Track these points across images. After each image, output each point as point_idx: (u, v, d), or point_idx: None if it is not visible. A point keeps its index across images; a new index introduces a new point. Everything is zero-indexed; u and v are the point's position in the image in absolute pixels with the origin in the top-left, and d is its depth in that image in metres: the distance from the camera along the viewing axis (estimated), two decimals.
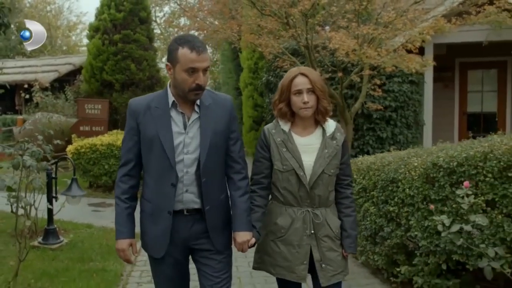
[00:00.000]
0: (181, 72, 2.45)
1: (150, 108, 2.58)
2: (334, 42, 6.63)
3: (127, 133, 2.65)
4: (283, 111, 2.73)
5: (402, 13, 6.66)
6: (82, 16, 47.96)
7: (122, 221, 2.65)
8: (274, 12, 7.76)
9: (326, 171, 2.69)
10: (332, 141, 2.73)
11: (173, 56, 2.47)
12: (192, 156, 2.56)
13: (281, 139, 2.72)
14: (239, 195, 2.70)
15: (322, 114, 2.71)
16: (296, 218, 2.70)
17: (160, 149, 2.53)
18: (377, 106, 8.84)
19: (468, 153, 3.51)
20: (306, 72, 2.70)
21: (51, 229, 5.86)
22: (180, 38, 2.52)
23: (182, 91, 2.50)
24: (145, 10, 13.31)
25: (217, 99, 2.67)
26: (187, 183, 2.56)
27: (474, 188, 3.44)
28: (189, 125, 2.57)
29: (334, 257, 2.73)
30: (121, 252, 2.66)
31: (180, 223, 2.59)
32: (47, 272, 4.92)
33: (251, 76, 12.96)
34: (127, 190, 2.65)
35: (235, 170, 2.72)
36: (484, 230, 3.37)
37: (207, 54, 2.51)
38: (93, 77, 12.97)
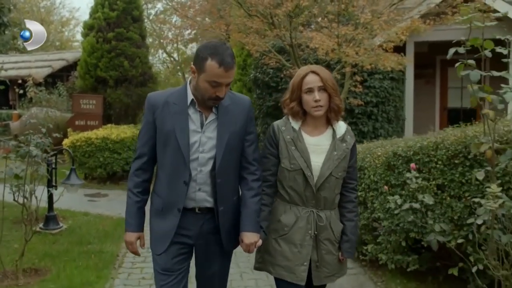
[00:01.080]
0: (204, 82, 2.43)
1: (168, 104, 2.56)
2: (314, 42, 7.11)
3: (143, 127, 2.64)
4: (294, 110, 2.67)
5: (379, 15, 7.13)
6: (74, 11, 48.21)
7: (132, 214, 2.65)
8: (260, 13, 8.23)
9: (334, 174, 2.65)
10: (342, 143, 2.69)
11: (201, 64, 2.42)
12: (207, 155, 2.55)
13: (290, 137, 2.67)
14: (251, 195, 2.66)
15: (334, 112, 2.66)
16: (301, 217, 2.66)
17: (175, 146, 2.51)
18: (358, 101, 9.33)
19: (422, 143, 4.01)
20: (317, 70, 2.65)
21: (51, 215, 6.32)
22: (212, 47, 2.44)
23: (201, 97, 2.50)
24: (137, 9, 13.73)
25: (235, 99, 2.64)
26: (201, 182, 2.55)
27: (427, 174, 3.94)
28: (206, 124, 2.55)
29: (331, 260, 2.72)
30: (129, 245, 2.67)
31: (191, 220, 2.59)
32: (49, 253, 5.38)
33: (240, 72, 13.41)
34: (139, 184, 2.65)
35: (249, 171, 2.70)
36: (435, 210, 3.87)
37: (234, 69, 2.48)
38: (87, 74, 13.38)
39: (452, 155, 3.78)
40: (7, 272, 4.65)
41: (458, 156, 3.75)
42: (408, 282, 4.47)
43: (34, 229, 5.13)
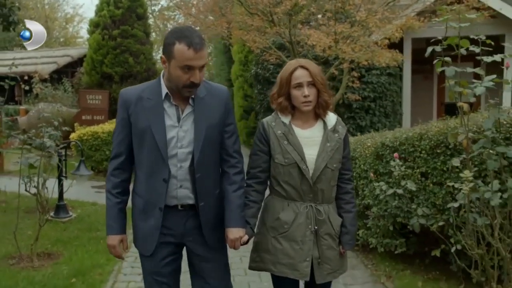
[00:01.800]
0: (176, 68, 2.31)
1: (142, 99, 2.45)
2: (312, 39, 7.42)
3: (118, 124, 2.53)
4: (283, 105, 2.62)
5: (374, 13, 7.44)
6: (78, 8, 48.56)
7: (113, 217, 2.55)
8: (261, 11, 8.55)
9: (329, 166, 2.59)
10: (334, 134, 2.64)
11: (169, 50, 2.31)
12: (186, 150, 2.45)
13: (281, 132, 2.61)
14: (233, 189, 2.58)
15: (322, 107, 2.61)
16: (300, 213, 2.60)
17: (152, 143, 2.41)
18: (356, 96, 9.65)
19: (408, 135, 4.33)
20: (305, 64, 2.59)
21: (61, 204, 6.67)
22: (178, 31, 2.36)
23: (176, 87, 2.39)
24: (142, 7, 14.11)
25: (212, 90, 2.55)
26: (181, 178, 2.46)
27: (412, 163, 4.26)
28: (183, 118, 2.46)
29: (332, 255, 2.66)
30: (111, 248, 2.57)
31: (174, 218, 2.50)
32: (61, 239, 5.72)
33: (242, 68, 13.75)
34: (118, 184, 2.55)
35: (230, 164, 2.61)
36: (419, 196, 4.19)
37: (205, 51, 2.35)
38: (93, 70, 13.76)
39: (435, 145, 4.09)
40: (22, 255, 4.99)
41: (440, 146, 4.06)
42: (396, 264, 4.79)
43: (46, 218, 5.49)
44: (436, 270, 4.58)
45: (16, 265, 4.87)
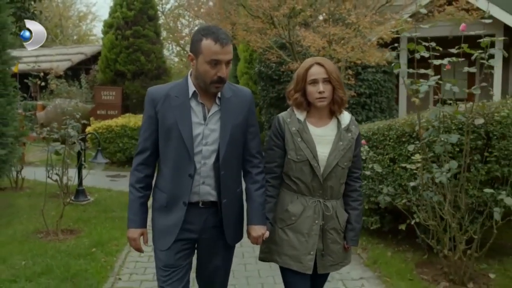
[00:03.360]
0: (204, 64, 2.38)
1: (169, 97, 2.51)
2: (307, 41, 8.11)
3: (145, 121, 2.58)
4: (298, 101, 2.66)
5: (364, 17, 8.11)
6: (91, 6, 49.47)
7: (135, 210, 2.61)
8: (263, 13, 9.27)
9: (340, 164, 2.63)
10: (347, 133, 2.67)
11: (197, 47, 2.39)
12: (210, 147, 2.50)
13: (296, 129, 2.64)
14: (255, 188, 2.66)
15: (338, 104, 2.64)
16: (308, 207, 2.65)
17: (179, 139, 2.46)
18: (351, 93, 10.32)
19: (379, 126, 5.04)
20: (321, 61, 2.63)
21: (80, 189, 7.45)
22: (204, 29, 2.44)
23: (204, 83, 2.45)
24: (153, 8, 14.91)
25: (237, 92, 2.62)
26: (204, 175, 2.52)
27: (382, 150, 4.96)
28: (209, 116, 2.51)
29: (336, 249, 2.72)
30: (132, 241, 2.63)
31: (194, 215, 2.54)
32: (81, 218, 6.49)
33: (247, 66, 14.46)
34: (142, 179, 2.60)
35: (252, 164, 2.69)
36: (388, 178, 4.89)
37: (231, 46, 2.44)
38: (107, 68, 14.59)
39: (400, 134, 4.79)
40: (49, 231, 5.75)
41: (404, 135, 4.75)
42: (372, 239, 5.50)
43: (68, 200, 6.25)
44: (406, 244, 5.28)
45: (44, 238, 5.65)
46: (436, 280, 4.36)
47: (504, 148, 4.17)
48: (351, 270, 4.59)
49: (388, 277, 4.48)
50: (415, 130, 4.39)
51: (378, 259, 4.92)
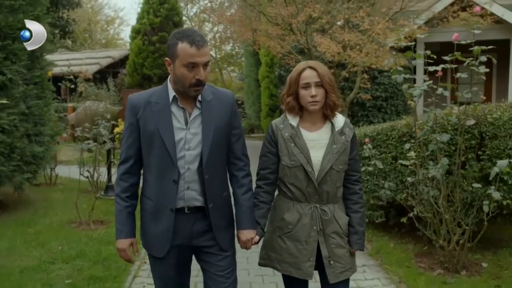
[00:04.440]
0: (181, 67, 2.34)
1: (150, 103, 2.47)
2: (322, 47, 8.56)
3: (126, 129, 2.53)
4: (291, 105, 2.63)
5: (376, 24, 8.52)
6: (119, 11, 50.60)
7: (123, 220, 2.56)
8: (282, 20, 9.75)
9: (334, 167, 2.59)
10: (341, 136, 2.63)
11: (173, 51, 2.36)
12: (193, 152, 2.47)
13: (289, 134, 2.62)
14: (242, 192, 2.63)
15: (330, 108, 2.61)
16: (304, 214, 2.62)
17: (161, 145, 2.43)
18: (367, 96, 10.72)
19: (383, 126, 5.46)
20: (314, 65, 2.60)
21: (110, 185, 8.02)
22: (179, 32, 2.40)
23: (182, 87, 2.41)
24: (178, 15, 15.59)
25: (218, 94, 2.58)
26: (189, 180, 2.47)
27: (385, 148, 5.38)
28: (191, 120, 2.47)
29: (342, 254, 2.65)
30: (121, 252, 2.57)
31: (182, 221, 2.49)
32: (110, 211, 7.03)
33: (268, 70, 14.97)
34: (127, 188, 2.55)
35: (238, 167, 2.65)
36: (390, 175, 5.31)
37: (207, 48, 2.39)
38: (135, 72, 15.29)
39: (402, 134, 5.20)
40: (82, 221, 6.31)
41: (405, 135, 5.17)
42: (378, 232, 5.91)
43: (98, 195, 6.80)
44: (409, 237, 5.67)
45: (77, 227, 6.22)
46: (432, 268, 4.76)
47: (496, 147, 4.56)
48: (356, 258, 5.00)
49: (388, 264, 4.90)
50: (412, 131, 4.81)
51: (381, 249, 5.34)
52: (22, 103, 6.46)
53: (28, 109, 6.62)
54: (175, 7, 15.27)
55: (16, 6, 6.25)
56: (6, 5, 6.06)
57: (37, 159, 6.94)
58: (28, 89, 6.67)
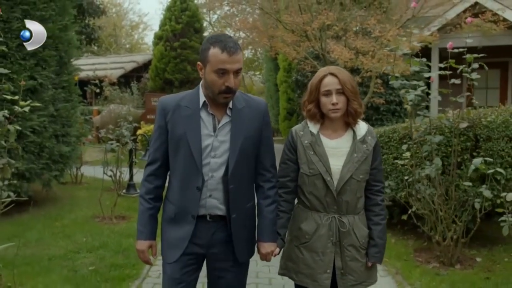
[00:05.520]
0: (211, 73, 2.31)
1: (180, 107, 2.44)
2: (335, 53, 8.91)
3: (155, 131, 2.52)
4: (312, 112, 2.57)
5: (388, 31, 8.84)
6: (143, 16, 51.56)
7: (144, 222, 2.54)
8: (297, 27, 10.13)
9: (354, 177, 2.51)
10: (363, 145, 2.55)
11: (204, 55, 2.33)
12: (219, 160, 2.42)
13: (308, 142, 2.56)
14: (267, 204, 2.57)
15: (352, 116, 2.54)
16: (322, 225, 2.56)
17: (187, 150, 2.40)
18: (381, 100, 11.01)
19: (385, 129, 5.80)
20: (335, 71, 2.53)
21: (131, 183, 8.50)
22: (213, 37, 2.38)
23: (212, 93, 2.36)
24: (199, 22, 16.13)
25: (251, 102, 2.53)
26: (211, 188, 2.43)
27: (387, 150, 5.71)
28: (219, 128, 2.43)
29: (356, 267, 2.58)
30: (140, 253, 2.56)
31: (202, 228, 2.46)
32: (131, 207, 7.49)
33: (285, 75, 15.37)
34: (151, 190, 2.53)
35: (265, 178, 2.59)
36: (392, 174, 5.64)
37: (240, 55, 2.34)
38: (157, 76, 15.85)
39: (402, 136, 5.53)
40: (105, 216, 6.77)
41: (405, 137, 5.50)
42: None
43: (119, 193, 7.24)
44: (411, 234, 5.98)
45: (100, 222, 6.69)
46: (429, 262, 5.07)
47: (489, 148, 4.87)
48: None
49: (387, 258, 5.22)
50: (409, 133, 5.14)
51: None
52: (51, 106, 6.97)
53: (56, 112, 7.13)
54: (196, 14, 15.84)
55: (46, 16, 6.76)
56: (37, 15, 6.56)
57: (64, 158, 7.44)
58: (57, 93, 7.18)
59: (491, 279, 4.56)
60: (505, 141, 4.83)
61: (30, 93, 6.44)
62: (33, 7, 6.59)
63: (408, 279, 4.64)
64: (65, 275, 4.65)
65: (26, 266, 4.81)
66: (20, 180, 6.32)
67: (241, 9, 15.75)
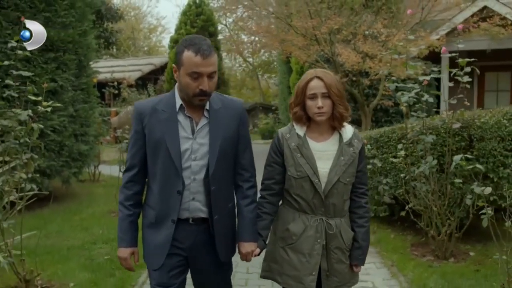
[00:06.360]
0: (185, 76, 2.30)
1: (156, 111, 2.41)
2: (343, 57, 9.21)
3: (132, 137, 2.48)
4: (298, 114, 2.56)
5: (393, 36, 9.12)
6: (161, 19, 52.20)
7: (124, 229, 2.51)
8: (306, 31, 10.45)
9: (341, 180, 2.52)
10: (349, 148, 2.55)
11: (179, 58, 2.32)
12: (200, 162, 2.41)
13: (295, 144, 2.55)
14: (246, 203, 2.58)
15: (337, 120, 2.53)
16: (309, 226, 2.55)
17: (166, 154, 2.37)
18: (389, 103, 11.27)
19: (385, 129, 6.09)
20: (321, 75, 2.50)
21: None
22: (187, 40, 2.34)
23: (187, 96, 2.36)
24: (213, 25, 16.62)
25: (227, 103, 2.53)
26: (194, 191, 2.42)
27: (387, 149, 6.00)
28: (198, 130, 2.42)
29: (341, 269, 2.61)
30: (122, 261, 2.54)
31: (185, 232, 2.46)
32: None
33: (298, 77, 15.59)
34: (130, 196, 2.50)
35: (244, 178, 2.59)
36: (391, 173, 5.92)
37: (214, 58, 2.33)
38: (172, 78, 16.29)
39: (401, 137, 5.81)
40: None
41: (404, 137, 5.77)
42: (383, 225, 6.51)
43: None
44: (410, 230, 6.25)
45: (115, 216, 6.83)
46: (424, 256, 5.34)
47: (482, 148, 5.13)
48: None
49: (384, 251, 5.52)
50: (405, 133, 5.43)
51: (381, 239, 5.96)
52: (71, 107, 7.39)
53: (75, 112, 7.55)
54: (211, 18, 16.32)
55: (67, 22, 7.19)
56: (58, 22, 7.00)
57: (82, 156, 7.86)
58: (76, 95, 7.60)
59: (480, 271, 4.82)
60: (497, 141, 5.07)
61: (51, 95, 6.84)
62: (54, 14, 7.02)
63: (402, 270, 4.92)
64: (82, 263, 5.04)
65: (47, 254, 5.21)
66: (42, 177, 6.73)
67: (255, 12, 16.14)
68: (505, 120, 5.02)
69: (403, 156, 5.20)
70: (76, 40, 7.49)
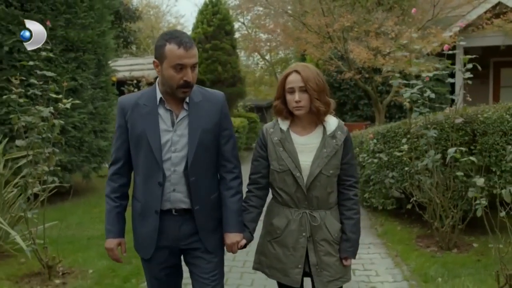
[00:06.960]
0: (169, 69, 2.33)
1: (138, 105, 2.48)
2: (354, 53, 9.38)
3: (116, 131, 2.56)
4: (278, 108, 2.60)
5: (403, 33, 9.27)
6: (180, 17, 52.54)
7: (111, 221, 2.59)
8: (319, 29, 10.65)
9: (324, 172, 2.53)
10: (332, 140, 2.55)
11: (160, 52, 2.34)
12: (180, 154, 2.45)
13: (278, 138, 2.58)
14: (230, 195, 2.60)
15: (315, 114, 2.54)
16: (292, 220, 2.58)
17: (147, 147, 2.43)
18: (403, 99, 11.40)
19: (392, 125, 6.27)
20: (300, 69, 2.51)
21: None
22: (167, 33, 2.38)
23: (170, 88, 2.39)
24: (229, 24, 16.89)
25: (207, 95, 2.56)
26: (175, 182, 2.45)
27: (394, 144, 6.18)
28: (177, 122, 2.46)
29: (331, 262, 2.59)
30: (110, 252, 2.60)
31: (169, 223, 2.49)
32: None
33: None
34: (116, 189, 2.57)
35: (227, 169, 2.62)
36: (397, 167, 6.10)
37: (195, 50, 2.38)
38: None
39: (406, 132, 5.98)
40: None
41: (409, 132, 5.95)
42: (390, 218, 6.70)
43: None
44: (417, 222, 6.42)
45: None
46: (428, 247, 5.52)
47: (485, 142, 5.27)
48: (365, 238, 5.84)
49: (390, 243, 5.71)
50: (409, 128, 5.61)
51: (388, 231, 6.15)
52: (90, 104, 7.72)
53: (95, 109, 7.88)
54: (227, 17, 16.60)
55: (86, 23, 7.51)
56: (78, 23, 7.32)
57: (102, 152, 8.19)
58: (95, 93, 7.93)
59: (481, 261, 4.98)
60: (500, 135, 5.21)
61: (71, 93, 7.17)
62: (74, 16, 7.34)
63: (406, 260, 5.11)
64: (101, 252, 5.30)
65: (68, 244, 5.51)
66: (63, 171, 7.05)
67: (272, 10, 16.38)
68: (507, 115, 5.15)
69: (406, 150, 5.37)
70: (95, 40, 7.80)
